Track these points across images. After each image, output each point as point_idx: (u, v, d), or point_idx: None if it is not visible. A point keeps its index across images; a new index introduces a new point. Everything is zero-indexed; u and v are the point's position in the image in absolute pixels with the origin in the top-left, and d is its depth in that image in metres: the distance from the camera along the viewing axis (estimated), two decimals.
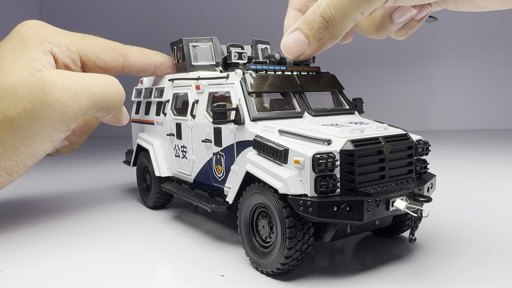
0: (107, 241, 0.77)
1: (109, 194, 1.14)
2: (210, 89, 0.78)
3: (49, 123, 0.72)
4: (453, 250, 0.68)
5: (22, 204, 1.06)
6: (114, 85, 0.80)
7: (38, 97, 0.70)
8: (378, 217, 0.57)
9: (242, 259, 0.67)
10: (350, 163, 0.56)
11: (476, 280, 0.58)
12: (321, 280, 0.59)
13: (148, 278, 0.61)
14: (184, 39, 0.89)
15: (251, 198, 0.63)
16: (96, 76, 0.79)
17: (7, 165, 0.73)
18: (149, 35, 2.64)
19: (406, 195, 0.59)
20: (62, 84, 0.72)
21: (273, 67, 0.74)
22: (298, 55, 0.62)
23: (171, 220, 0.90)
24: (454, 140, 2.01)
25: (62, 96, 0.72)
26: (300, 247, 0.57)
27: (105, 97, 0.78)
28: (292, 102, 0.73)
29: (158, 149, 0.94)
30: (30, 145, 0.73)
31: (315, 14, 0.53)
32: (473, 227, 0.79)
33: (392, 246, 0.71)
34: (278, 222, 0.58)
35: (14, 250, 0.73)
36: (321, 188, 0.54)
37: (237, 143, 0.69)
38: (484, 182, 1.16)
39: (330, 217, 0.54)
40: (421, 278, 0.59)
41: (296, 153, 0.56)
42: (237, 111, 0.68)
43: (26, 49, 0.77)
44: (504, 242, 0.71)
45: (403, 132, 0.65)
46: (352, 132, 0.60)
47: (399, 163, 0.62)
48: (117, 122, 0.88)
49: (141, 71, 0.94)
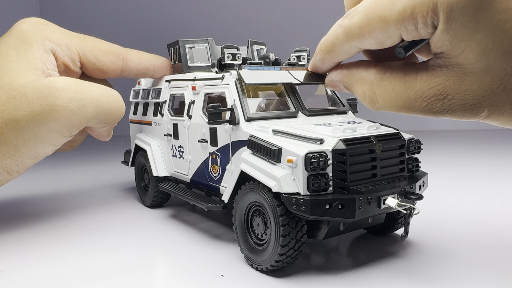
0: (106, 241, 0.78)
1: (108, 193, 1.15)
2: (206, 90, 0.79)
3: (55, 127, 0.73)
4: (450, 249, 0.69)
5: (21, 204, 1.07)
6: (119, 100, 0.82)
7: (48, 101, 0.71)
8: (370, 215, 0.58)
9: (238, 257, 0.68)
10: (342, 162, 0.57)
11: (470, 277, 0.59)
12: (317, 277, 0.60)
13: (147, 277, 0.62)
14: (181, 40, 0.90)
15: (246, 196, 0.64)
16: (105, 89, 0.80)
17: (8, 164, 0.74)
18: (146, 36, 2.65)
19: (398, 193, 0.60)
20: (73, 92, 0.73)
21: (268, 68, 0.75)
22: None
23: (168, 218, 0.91)
24: (454, 140, 2.01)
25: (72, 104, 0.73)
26: (293, 244, 0.59)
27: (109, 111, 0.80)
28: (286, 102, 0.74)
29: (155, 149, 0.96)
30: (33, 147, 0.74)
31: (364, 95, 0.50)
32: (473, 227, 0.80)
33: (385, 243, 0.72)
34: (272, 220, 0.59)
35: (14, 250, 0.74)
36: (314, 187, 0.55)
37: (232, 143, 0.70)
38: (484, 182, 1.17)
39: (323, 215, 0.55)
40: (415, 275, 0.60)
41: (289, 152, 0.57)
42: (232, 112, 0.70)
43: (28, 47, 0.77)
44: (504, 242, 0.72)
45: (395, 131, 0.66)
46: (344, 132, 0.61)
47: (391, 161, 0.63)
48: (106, 136, 0.90)
49: (139, 75, 0.95)
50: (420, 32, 0.41)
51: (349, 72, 0.50)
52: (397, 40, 0.44)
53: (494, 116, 0.41)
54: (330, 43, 0.49)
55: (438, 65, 0.42)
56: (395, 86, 0.45)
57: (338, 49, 0.49)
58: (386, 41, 0.44)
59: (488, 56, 0.38)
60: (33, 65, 0.76)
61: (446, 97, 0.41)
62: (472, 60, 0.39)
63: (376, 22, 0.43)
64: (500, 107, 0.40)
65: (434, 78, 0.42)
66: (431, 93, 0.42)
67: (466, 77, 0.40)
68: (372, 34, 0.44)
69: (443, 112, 0.42)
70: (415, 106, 0.44)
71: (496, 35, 0.37)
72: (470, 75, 0.40)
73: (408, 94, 0.44)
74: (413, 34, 0.42)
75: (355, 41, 0.46)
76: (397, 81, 0.45)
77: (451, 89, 0.41)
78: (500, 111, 0.41)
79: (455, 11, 0.38)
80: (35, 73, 0.75)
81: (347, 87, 0.52)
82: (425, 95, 0.43)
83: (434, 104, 0.42)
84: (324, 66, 0.54)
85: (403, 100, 0.45)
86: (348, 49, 0.48)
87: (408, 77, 0.44)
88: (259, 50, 0.94)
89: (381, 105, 0.47)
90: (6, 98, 0.71)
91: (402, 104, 0.45)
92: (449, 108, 0.42)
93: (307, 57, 0.82)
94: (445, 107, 0.42)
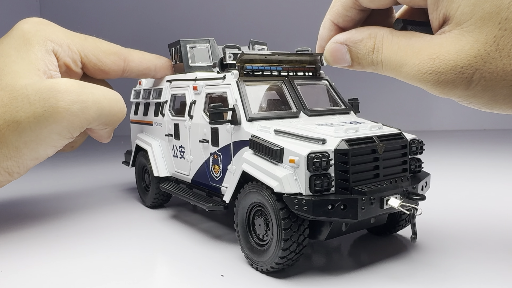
0: (107, 241, 0.78)
1: (108, 194, 1.14)
2: (207, 90, 0.79)
3: (56, 129, 0.73)
4: (451, 249, 0.69)
5: (22, 204, 1.07)
6: (120, 102, 0.82)
7: (50, 103, 0.71)
8: (373, 215, 0.58)
9: (239, 257, 0.68)
10: (344, 162, 0.57)
11: (473, 278, 0.59)
12: (318, 278, 0.60)
13: (148, 278, 0.62)
14: (182, 40, 0.90)
15: (248, 197, 0.63)
16: (107, 90, 0.80)
17: (9, 165, 0.74)
18: (147, 36, 2.64)
19: (400, 194, 0.60)
20: (75, 94, 0.73)
21: (269, 68, 0.75)
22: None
23: (169, 219, 0.90)
24: (454, 140, 2.01)
25: (74, 106, 0.72)
26: (295, 248, 0.58)
27: (111, 113, 0.79)
28: (288, 102, 0.74)
29: (156, 150, 0.95)
30: (34, 149, 0.74)
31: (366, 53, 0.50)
32: (473, 227, 0.80)
33: (387, 244, 0.72)
34: (274, 222, 0.59)
35: (14, 250, 0.74)
36: (316, 187, 0.55)
37: (234, 143, 0.70)
38: (484, 182, 1.16)
39: (325, 215, 0.55)
40: (416, 276, 0.60)
41: (291, 153, 0.57)
42: (234, 112, 0.69)
43: (30, 48, 0.77)
44: (504, 242, 0.72)
45: (397, 131, 0.66)
46: (347, 132, 0.61)
47: (393, 162, 0.63)
48: (107, 138, 0.90)
49: (141, 75, 0.95)
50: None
51: (358, 31, 0.49)
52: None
53: (484, 84, 0.40)
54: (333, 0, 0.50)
55: (442, 31, 0.42)
56: (400, 41, 0.45)
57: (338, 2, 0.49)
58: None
59: (483, 9, 0.38)
60: (35, 66, 0.76)
61: (438, 57, 0.41)
62: (468, 15, 0.39)
63: None
64: (492, 70, 0.39)
65: (435, 39, 0.42)
66: (426, 53, 0.42)
67: (462, 37, 0.40)
68: None
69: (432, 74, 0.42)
70: (409, 63, 0.44)
71: None
72: (466, 35, 0.40)
73: (407, 50, 0.44)
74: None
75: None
76: (403, 38, 0.45)
77: (444, 49, 0.41)
78: (491, 76, 0.40)
79: None
80: (36, 74, 0.75)
81: (350, 48, 0.50)
82: (421, 53, 0.43)
83: (425, 64, 0.42)
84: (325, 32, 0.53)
85: (401, 54, 0.45)
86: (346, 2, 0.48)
87: (414, 37, 0.44)
88: (260, 50, 0.94)
89: (383, 56, 0.47)
90: (8, 99, 0.71)
91: (399, 59, 0.45)
92: (439, 70, 0.41)
93: None
94: (434, 68, 0.41)
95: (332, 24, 0.51)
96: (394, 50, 0.45)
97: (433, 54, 0.42)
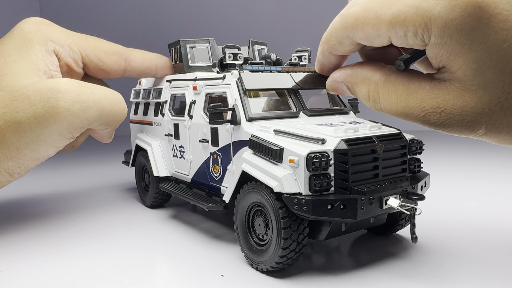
0: (107, 242, 0.78)
1: (108, 194, 1.14)
2: (207, 90, 0.79)
3: (57, 130, 0.73)
4: (451, 249, 0.69)
5: (22, 204, 1.07)
6: (121, 102, 0.82)
7: (51, 103, 0.71)
8: (372, 215, 0.58)
9: (239, 257, 0.68)
10: (343, 162, 0.57)
11: (471, 277, 0.59)
12: (317, 277, 0.60)
13: (148, 278, 0.62)
14: (182, 40, 0.90)
15: (247, 197, 0.64)
16: (107, 90, 0.80)
17: (10, 166, 0.74)
18: (147, 36, 2.65)
19: (400, 194, 0.60)
20: (76, 94, 0.73)
21: (269, 68, 0.75)
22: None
23: (169, 219, 0.91)
24: (454, 140, 2.01)
25: (74, 106, 0.72)
26: (294, 247, 0.58)
27: (112, 113, 0.79)
28: (288, 102, 0.74)
29: (156, 149, 0.95)
30: (35, 149, 0.74)
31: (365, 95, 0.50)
32: (473, 227, 0.80)
33: (387, 244, 0.72)
34: (273, 221, 0.59)
35: (14, 251, 0.74)
36: (315, 187, 0.55)
37: (234, 143, 0.70)
38: (484, 182, 1.16)
39: (324, 215, 0.55)
40: (416, 276, 0.60)
41: (290, 152, 0.57)
42: (233, 111, 0.69)
43: (31, 48, 0.77)
44: (504, 242, 0.72)
45: (397, 131, 0.66)
46: (346, 132, 0.61)
47: (393, 162, 0.63)
48: (108, 138, 0.90)
49: (142, 75, 0.95)
50: (409, 40, 0.41)
51: (353, 72, 0.50)
52: (385, 41, 0.44)
53: (491, 134, 0.42)
54: (328, 32, 0.50)
55: (442, 78, 0.42)
56: (397, 90, 0.45)
57: (334, 37, 0.49)
58: (375, 39, 0.44)
59: (485, 74, 0.38)
60: (36, 66, 0.75)
61: (444, 110, 0.42)
62: (470, 77, 0.39)
63: (370, 17, 0.43)
64: (498, 125, 0.40)
65: (436, 90, 0.42)
66: (430, 104, 0.42)
67: (465, 93, 0.40)
68: (364, 28, 0.44)
69: (440, 125, 0.43)
70: (413, 114, 0.44)
71: (492, 54, 0.38)
72: (469, 92, 0.40)
73: (408, 101, 0.44)
74: (402, 41, 0.42)
75: (348, 31, 0.46)
76: (401, 86, 0.45)
77: (449, 103, 0.41)
78: (498, 130, 0.41)
79: (449, 28, 0.38)
80: (37, 74, 0.75)
81: (349, 88, 0.51)
82: (424, 105, 0.43)
83: (431, 116, 0.43)
84: (324, 59, 0.54)
85: (402, 105, 0.45)
86: (341, 39, 0.48)
87: (412, 84, 0.44)
88: (260, 50, 0.94)
89: (382, 106, 0.47)
90: (8, 99, 0.71)
91: (401, 110, 0.45)
92: (446, 122, 0.42)
93: (308, 57, 0.82)
94: (442, 120, 0.42)
95: (330, 53, 0.52)
96: (393, 101, 0.46)
97: (438, 108, 0.42)
